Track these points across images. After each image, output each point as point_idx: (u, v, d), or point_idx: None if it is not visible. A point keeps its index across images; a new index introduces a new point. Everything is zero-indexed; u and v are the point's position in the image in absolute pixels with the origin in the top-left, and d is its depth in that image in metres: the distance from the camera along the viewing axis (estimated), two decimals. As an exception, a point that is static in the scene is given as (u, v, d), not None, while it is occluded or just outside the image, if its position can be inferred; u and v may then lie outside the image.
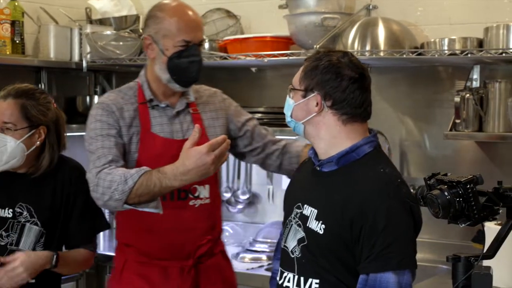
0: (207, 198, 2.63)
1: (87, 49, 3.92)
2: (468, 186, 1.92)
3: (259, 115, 3.63)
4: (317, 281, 2.01)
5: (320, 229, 2.00)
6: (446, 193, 1.94)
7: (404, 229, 1.94)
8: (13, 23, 3.70)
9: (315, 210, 2.03)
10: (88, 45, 3.89)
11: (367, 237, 1.92)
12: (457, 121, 3.15)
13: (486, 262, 2.02)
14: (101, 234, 3.72)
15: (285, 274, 2.11)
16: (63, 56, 3.95)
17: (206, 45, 3.71)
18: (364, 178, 1.98)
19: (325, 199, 2.03)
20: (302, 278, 2.05)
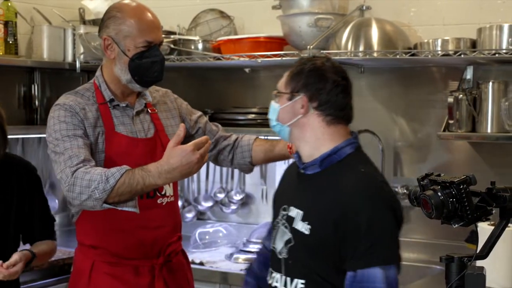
0: (172, 196, 2.65)
1: (81, 50, 3.91)
2: (461, 187, 1.93)
3: (253, 116, 3.63)
4: (303, 281, 2.07)
5: (306, 230, 2.06)
6: (439, 194, 1.95)
7: (387, 227, 2.00)
8: (6, 24, 3.70)
9: (301, 212, 2.10)
10: (82, 46, 3.88)
11: (352, 237, 1.98)
12: (451, 122, 3.16)
13: (480, 263, 2.02)
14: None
15: (274, 275, 2.18)
16: (57, 57, 3.95)
17: (200, 46, 3.71)
18: (346, 180, 2.05)
19: (310, 201, 2.09)
20: (289, 279, 2.11)
